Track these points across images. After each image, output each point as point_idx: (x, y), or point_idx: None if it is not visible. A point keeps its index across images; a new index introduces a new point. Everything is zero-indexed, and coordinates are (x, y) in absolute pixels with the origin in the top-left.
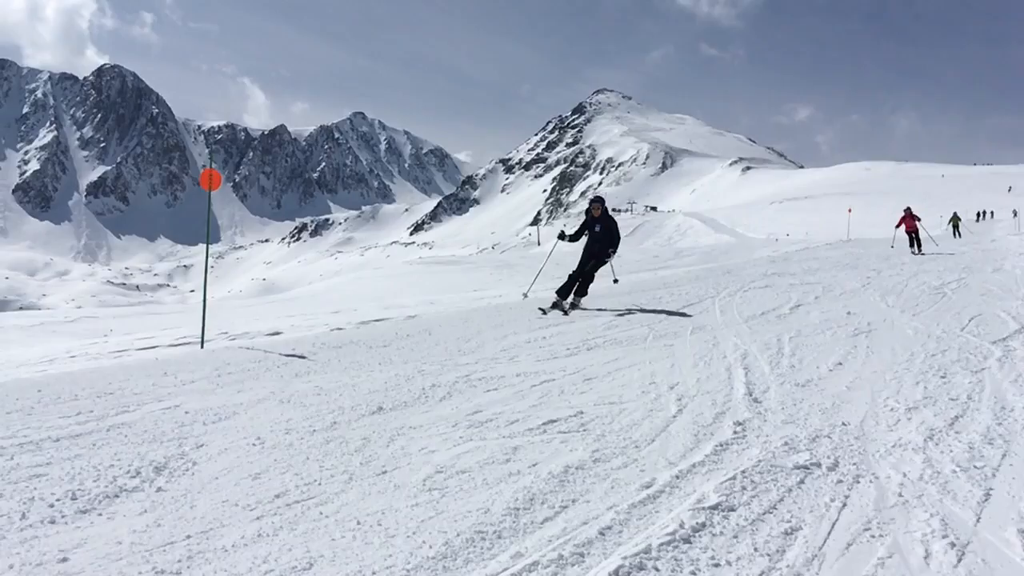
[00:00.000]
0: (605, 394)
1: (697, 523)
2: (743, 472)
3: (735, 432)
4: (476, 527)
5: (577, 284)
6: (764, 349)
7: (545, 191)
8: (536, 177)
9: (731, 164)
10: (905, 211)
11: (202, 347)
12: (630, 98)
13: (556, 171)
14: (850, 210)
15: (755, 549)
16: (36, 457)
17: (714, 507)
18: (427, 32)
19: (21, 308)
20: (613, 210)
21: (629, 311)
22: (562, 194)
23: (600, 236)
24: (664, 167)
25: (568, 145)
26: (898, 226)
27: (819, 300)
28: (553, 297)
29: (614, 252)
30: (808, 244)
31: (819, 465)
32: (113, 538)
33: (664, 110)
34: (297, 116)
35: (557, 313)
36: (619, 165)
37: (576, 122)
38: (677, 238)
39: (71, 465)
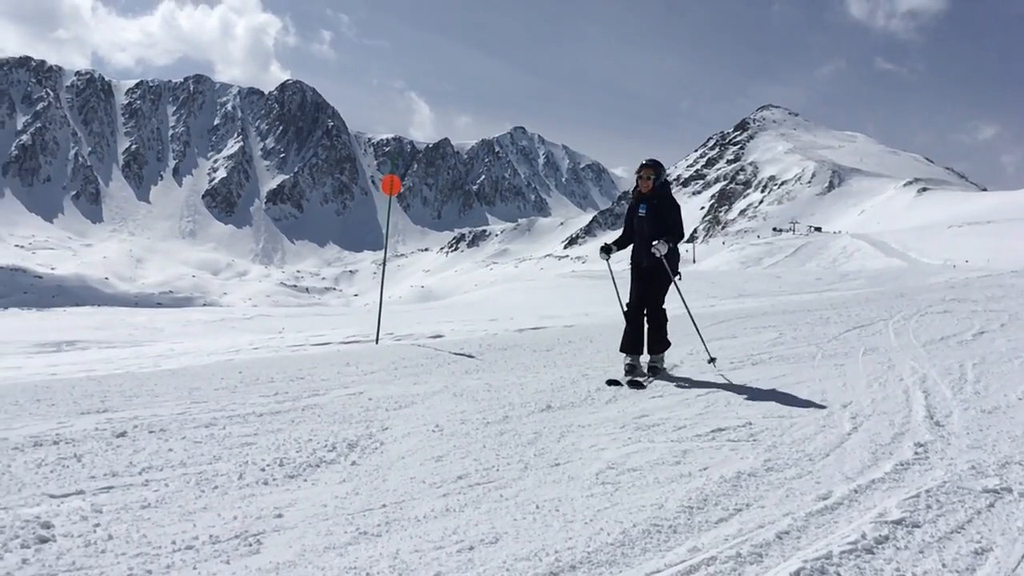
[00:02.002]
0: (773, 408)
1: (880, 535)
2: (927, 491)
3: (916, 453)
4: (651, 520)
5: (647, 333)
6: (945, 374)
7: (703, 208)
8: (694, 194)
9: (905, 185)
10: None
11: (377, 343)
12: (797, 114)
13: (715, 188)
14: None
15: (943, 565)
16: (244, 428)
17: (897, 522)
18: (590, 48)
19: (204, 304)
20: (775, 230)
21: (795, 329)
22: (720, 212)
23: (646, 223)
24: (831, 186)
25: (729, 162)
26: None
27: (1005, 328)
28: (621, 360)
29: (667, 247)
30: (990, 271)
31: (1010, 491)
32: (319, 501)
33: (833, 127)
34: (460, 130)
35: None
36: (782, 183)
37: (738, 139)
38: (843, 260)
39: (275, 437)
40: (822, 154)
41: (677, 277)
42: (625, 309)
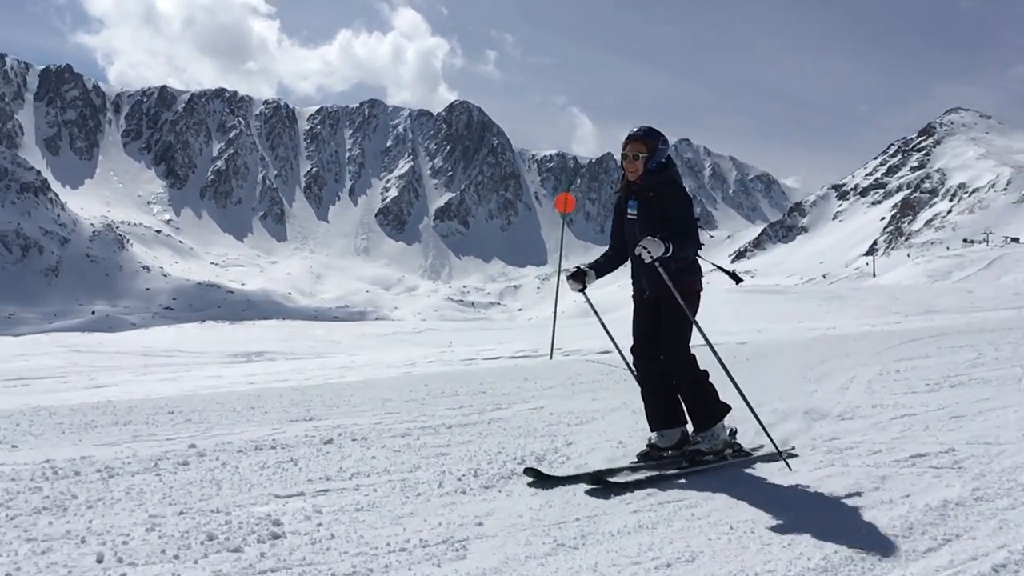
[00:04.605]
0: (978, 433)
1: None
2: None
3: None
4: (853, 547)
5: (681, 395)
6: None
7: (883, 219)
8: (873, 204)
9: None
10: None
11: (551, 358)
12: (989, 117)
13: (897, 197)
14: None
15: None
16: (437, 439)
17: None
18: (757, 55)
19: (377, 318)
20: (965, 241)
21: (995, 349)
22: (903, 222)
23: (638, 229)
24: None
25: (912, 169)
26: None
27: None
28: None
29: (662, 247)
30: None
31: None
32: (514, 512)
33: None
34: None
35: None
36: (973, 191)
37: (923, 144)
38: None
39: (466, 448)
40: (1019, 159)
41: (737, 281)
42: (630, 358)
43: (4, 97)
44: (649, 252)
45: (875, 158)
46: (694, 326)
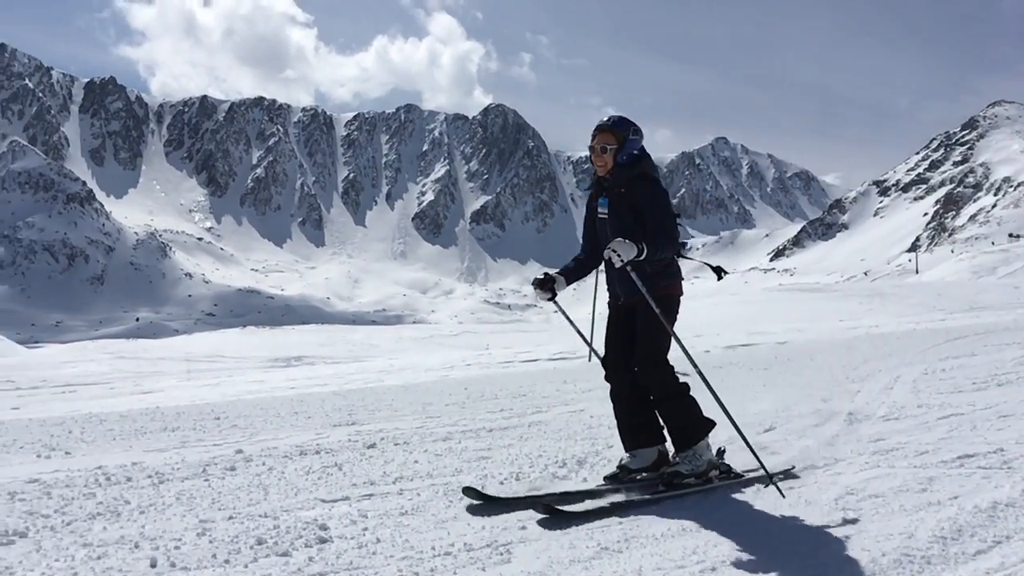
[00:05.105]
0: None
1: None
2: None
3: None
4: (901, 550)
5: (659, 411)
6: None
7: (926, 215)
8: (916, 200)
9: None
10: None
11: (589, 360)
12: None
13: (940, 192)
14: None
15: None
16: (478, 443)
17: None
18: (795, 50)
19: (414, 322)
20: (1011, 236)
21: None
22: (946, 218)
23: (610, 229)
24: None
25: (955, 164)
26: None
27: None
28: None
29: (634, 249)
30: None
31: None
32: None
33: None
34: (659, 144)
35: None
36: (1018, 185)
37: (966, 138)
38: None
39: (508, 452)
40: None
41: (720, 277)
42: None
43: (51, 110)
44: (619, 255)
45: (917, 153)
46: (672, 335)
